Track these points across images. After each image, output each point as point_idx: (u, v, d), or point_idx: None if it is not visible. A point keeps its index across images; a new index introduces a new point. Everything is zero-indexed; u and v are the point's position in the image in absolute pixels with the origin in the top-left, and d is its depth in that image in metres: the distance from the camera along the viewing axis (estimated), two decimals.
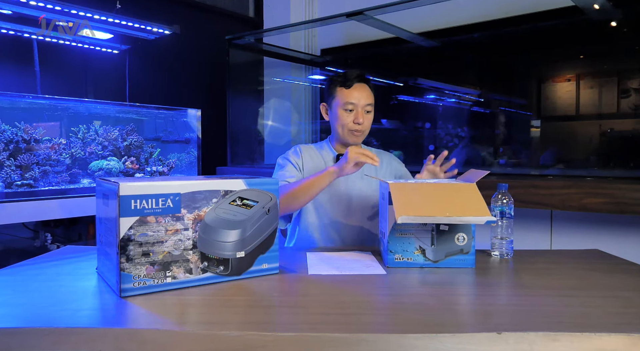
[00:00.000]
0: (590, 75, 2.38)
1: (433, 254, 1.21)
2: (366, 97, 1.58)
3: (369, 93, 1.60)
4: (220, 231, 1.04)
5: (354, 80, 1.58)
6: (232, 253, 1.06)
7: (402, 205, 1.15)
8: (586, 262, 1.30)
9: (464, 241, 1.21)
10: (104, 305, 0.93)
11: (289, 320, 0.86)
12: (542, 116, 2.54)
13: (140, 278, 0.97)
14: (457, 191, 1.23)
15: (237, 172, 2.94)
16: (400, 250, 1.22)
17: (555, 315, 0.87)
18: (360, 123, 1.57)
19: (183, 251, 1.01)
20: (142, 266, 0.97)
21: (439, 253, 1.21)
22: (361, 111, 1.57)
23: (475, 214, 1.14)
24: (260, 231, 1.10)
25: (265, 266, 1.12)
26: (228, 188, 1.07)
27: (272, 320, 0.87)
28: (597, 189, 1.76)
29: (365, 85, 1.60)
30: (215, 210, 1.04)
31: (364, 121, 1.57)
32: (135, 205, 0.95)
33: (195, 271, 1.03)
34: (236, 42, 3.14)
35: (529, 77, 2.62)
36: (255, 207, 1.09)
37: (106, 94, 2.84)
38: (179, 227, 1.00)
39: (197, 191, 1.02)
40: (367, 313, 0.89)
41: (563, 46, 2.47)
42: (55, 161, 2.33)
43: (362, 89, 1.58)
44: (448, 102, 3.08)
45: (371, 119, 1.61)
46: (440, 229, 1.21)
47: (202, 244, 1.03)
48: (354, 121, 1.57)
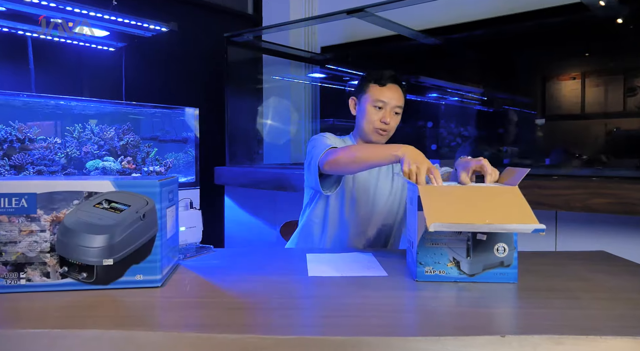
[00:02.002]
0: (595, 73, 2.38)
1: (469, 267, 1.10)
2: (397, 98, 1.59)
3: (400, 95, 1.61)
4: (82, 235, 1.00)
5: (388, 79, 1.59)
6: (98, 259, 1.01)
7: (434, 211, 1.03)
8: (591, 263, 1.30)
9: (504, 253, 1.10)
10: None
11: (288, 323, 0.86)
12: (546, 115, 2.54)
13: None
14: (498, 194, 1.12)
15: (236, 172, 2.94)
16: (432, 262, 1.10)
17: (559, 318, 0.86)
18: (387, 123, 1.58)
19: (39, 253, 1.00)
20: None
21: (475, 266, 1.09)
22: (390, 111, 1.58)
23: (520, 221, 1.01)
24: (133, 238, 1.03)
25: (139, 277, 1.04)
26: (92, 189, 1.02)
27: (272, 322, 0.87)
28: (603, 189, 1.76)
29: (398, 87, 1.61)
30: (77, 213, 1.01)
31: (390, 122, 1.58)
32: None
33: (53, 275, 1.01)
34: (235, 39, 3.14)
35: (534, 75, 2.62)
36: (126, 211, 1.02)
37: (102, 93, 2.84)
38: (35, 228, 0.99)
39: (55, 191, 1.00)
40: (368, 316, 0.89)
41: (568, 44, 2.47)
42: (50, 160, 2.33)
43: (394, 89, 1.59)
44: (451, 100, 3.08)
45: (398, 121, 1.62)
46: (477, 238, 1.09)
47: (62, 248, 1.00)
48: (381, 119, 1.58)
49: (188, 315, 0.89)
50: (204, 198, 1.82)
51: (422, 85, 3.11)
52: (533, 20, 2.47)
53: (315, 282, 1.10)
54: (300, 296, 1.03)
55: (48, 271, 1.00)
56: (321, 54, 3.40)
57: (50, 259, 1.00)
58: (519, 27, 2.54)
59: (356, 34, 3.18)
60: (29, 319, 0.86)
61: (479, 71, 2.93)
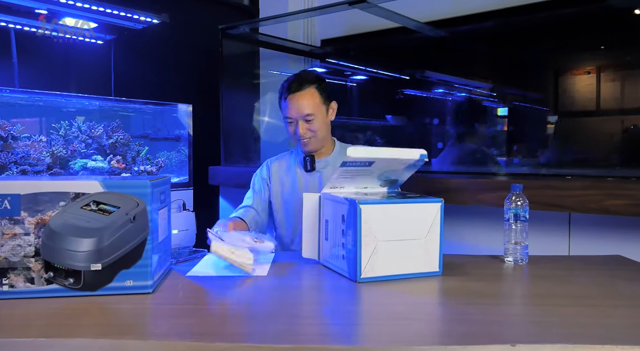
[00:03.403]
0: (612, 67, 2.38)
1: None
2: (303, 107, 1.63)
3: (308, 101, 1.63)
4: (69, 239, 1.00)
5: (289, 92, 1.64)
6: (85, 264, 1.01)
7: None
8: (607, 269, 1.29)
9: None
10: None
11: (286, 331, 0.86)
12: (559, 112, 2.54)
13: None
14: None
15: (231, 172, 2.94)
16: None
17: (573, 326, 0.86)
18: (301, 134, 1.65)
19: (23, 258, 0.99)
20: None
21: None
22: (301, 122, 1.64)
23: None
24: (122, 242, 1.02)
25: (129, 283, 1.03)
26: (79, 190, 1.02)
27: (268, 330, 0.87)
28: (619, 190, 1.75)
29: (303, 93, 1.63)
30: (63, 215, 1.00)
31: (305, 131, 1.65)
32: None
33: (38, 281, 1.00)
34: (230, 32, 3.14)
35: (545, 69, 2.62)
36: (115, 213, 1.02)
37: (90, 88, 2.83)
38: (18, 231, 0.99)
39: (40, 192, 0.99)
40: (370, 324, 0.89)
41: (582, 36, 2.46)
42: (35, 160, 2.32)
43: (298, 98, 1.63)
44: (458, 96, 3.07)
45: (317, 124, 1.66)
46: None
47: (47, 252, 1.00)
48: (295, 132, 1.67)
49: (180, 323, 0.89)
50: (198, 199, 1.81)
51: (427, 80, 3.10)
52: (545, 11, 2.46)
53: (312, 287, 1.10)
54: (300, 303, 1.03)
55: (32, 277, 1.00)
56: (321, 47, 3.40)
57: (34, 264, 1.00)
58: (531, 18, 2.53)
59: (358, 27, 3.18)
60: (12, 327, 0.86)
61: (488, 65, 2.92)
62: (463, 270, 1.24)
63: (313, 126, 1.65)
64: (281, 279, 1.17)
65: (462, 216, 2.10)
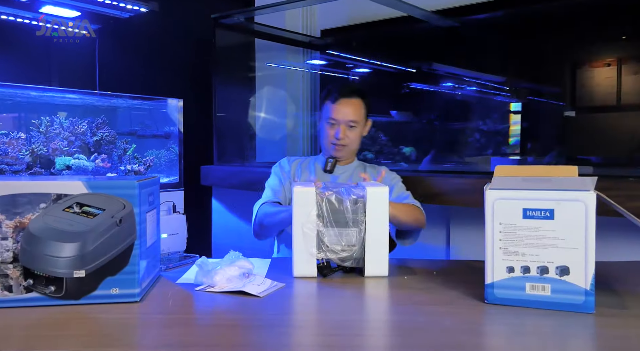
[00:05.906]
0: (634, 59, 2.38)
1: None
2: (350, 113, 1.76)
3: (357, 108, 1.78)
4: (50, 244, 0.99)
5: (340, 95, 1.77)
6: (67, 271, 0.99)
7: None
8: (629, 275, 1.29)
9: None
10: None
11: (283, 342, 0.86)
12: (577, 107, 2.54)
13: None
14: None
15: (225, 172, 2.94)
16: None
17: (590, 338, 0.86)
18: (339, 138, 1.76)
19: (0, 264, 0.99)
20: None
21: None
22: (343, 126, 1.77)
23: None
24: (108, 247, 1.01)
25: (115, 291, 1.02)
26: (61, 191, 1.01)
27: (265, 341, 0.87)
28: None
29: (353, 100, 1.78)
30: (44, 218, 0.99)
31: (343, 136, 1.77)
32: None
33: (16, 289, 0.99)
34: (223, 21, 3.14)
35: (562, 62, 2.62)
36: (100, 216, 1.01)
37: (73, 82, 2.83)
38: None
39: (18, 193, 0.98)
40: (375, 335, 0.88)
41: (602, 26, 2.46)
42: (14, 158, 2.32)
43: (348, 104, 1.77)
44: (468, 90, 3.08)
45: (357, 133, 1.81)
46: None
47: (26, 257, 0.99)
48: (334, 134, 1.78)
49: (170, 334, 0.89)
50: (189, 201, 1.81)
51: (435, 73, 3.10)
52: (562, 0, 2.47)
53: (310, 294, 1.10)
54: (297, 311, 1.02)
55: (10, 285, 0.99)
56: (321, 38, 3.40)
57: (12, 270, 0.99)
58: (546, 7, 2.53)
59: (361, 16, 3.18)
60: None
61: (500, 57, 2.92)
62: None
63: (352, 134, 1.78)
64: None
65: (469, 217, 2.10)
